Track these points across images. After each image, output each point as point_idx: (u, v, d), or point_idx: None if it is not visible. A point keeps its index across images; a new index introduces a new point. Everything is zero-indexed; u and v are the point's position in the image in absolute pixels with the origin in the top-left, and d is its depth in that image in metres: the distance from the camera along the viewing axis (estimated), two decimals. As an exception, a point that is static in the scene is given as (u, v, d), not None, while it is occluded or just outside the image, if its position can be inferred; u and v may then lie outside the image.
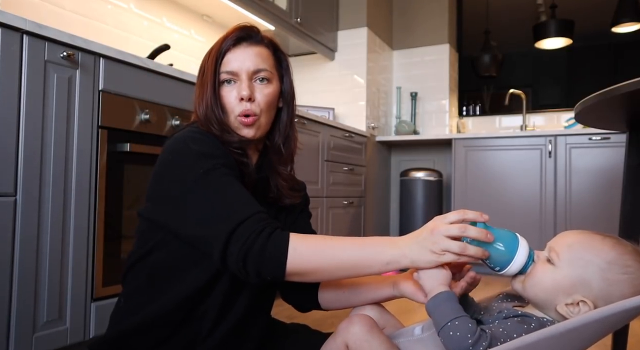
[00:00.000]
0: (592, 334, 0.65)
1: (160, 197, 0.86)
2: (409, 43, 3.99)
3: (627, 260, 0.72)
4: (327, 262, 0.75)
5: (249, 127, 0.92)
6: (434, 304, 0.73)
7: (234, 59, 0.91)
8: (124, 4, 2.32)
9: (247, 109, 0.90)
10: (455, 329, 0.69)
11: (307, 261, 0.74)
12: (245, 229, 0.74)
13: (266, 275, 0.74)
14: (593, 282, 0.71)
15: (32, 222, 1.26)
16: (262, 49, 0.94)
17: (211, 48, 0.94)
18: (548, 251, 0.78)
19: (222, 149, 0.87)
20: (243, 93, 0.90)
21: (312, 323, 1.16)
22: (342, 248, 0.75)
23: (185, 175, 0.80)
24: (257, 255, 0.73)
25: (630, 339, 1.55)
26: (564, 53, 5.85)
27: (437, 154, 3.83)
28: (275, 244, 0.73)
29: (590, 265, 0.72)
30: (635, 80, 1.04)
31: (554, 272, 0.74)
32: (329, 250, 0.75)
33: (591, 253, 0.73)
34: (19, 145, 1.24)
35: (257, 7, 2.66)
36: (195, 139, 0.85)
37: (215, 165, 0.81)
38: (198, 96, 0.93)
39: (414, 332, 0.82)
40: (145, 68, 1.58)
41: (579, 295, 0.72)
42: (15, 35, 1.23)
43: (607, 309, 0.62)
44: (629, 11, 3.61)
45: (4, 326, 1.20)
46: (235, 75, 0.91)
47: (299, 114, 2.53)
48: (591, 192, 2.99)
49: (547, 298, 0.74)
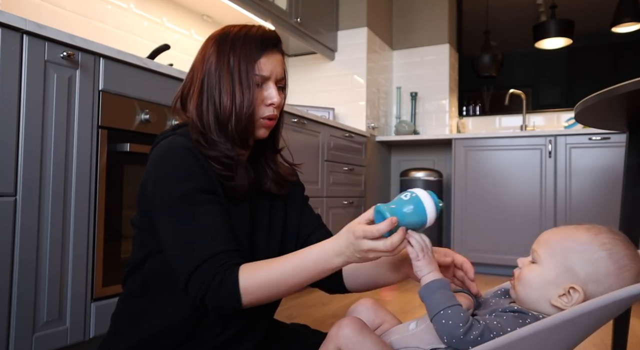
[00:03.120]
0: (589, 324, 0.65)
1: (143, 211, 0.90)
2: (409, 43, 3.99)
3: (602, 238, 0.74)
4: (278, 290, 0.80)
5: (267, 129, 0.95)
6: (427, 291, 0.74)
7: (269, 63, 0.92)
8: (124, 4, 2.32)
9: (275, 114, 0.94)
10: (447, 317, 0.70)
11: (260, 296, 0.79)
12: (200, 274, 0.78)
13: (225, 313, 0.81)
14: (576, 267, 0.74)
15: (32, 222, 1.26)
16: (282, 57, 0.97)
17: (232, 46, 0.91)
18: (530, 253, 0.80)
19: (202, 167, 0.86)
20: (275, 100, 0.92)
21: (312, 323, 1.16)
22: (290, 271, 0.79)
23: (162, 195, 0.84)
24: (212, 299, 0.78)
25: (631, 339, 1.56)
26: (564, 53, 5.85)
27: (437, 154, 3.83)
28: (226, 290, 0.78)
29: (569, 252, 0.75)
30: (635, 80, 1.04)
31: (539, 269, 0.77)
32: (279, 279, 0.79)
33: (567, 241, 0.76)
34: (19, 145, 1.24)
35: (257, 7, 2.66)
36: (177, 155, 0.85)
37: (190, 190, 0.82)
38: (212, 98, 0.90)
39: (408, 328, 0.82)
40: (145, 68, 1.58)
41: (567, 283, 0.73)
42: (15, 35, 1.23)
43: (596, 301, 0.62)
44: (629, 11, 3.61)
45: (4, 326, 1.20)
46: (266, 80, 0.92)
47: (299, 114, 2.53)
48: (591, 192, 2.99)
49: (539, 294, 0.76)
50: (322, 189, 2.78)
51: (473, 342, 0.69)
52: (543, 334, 0.61)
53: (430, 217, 0.76)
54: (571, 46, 3.97)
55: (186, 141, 0.88)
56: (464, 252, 3.27)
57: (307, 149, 2.64)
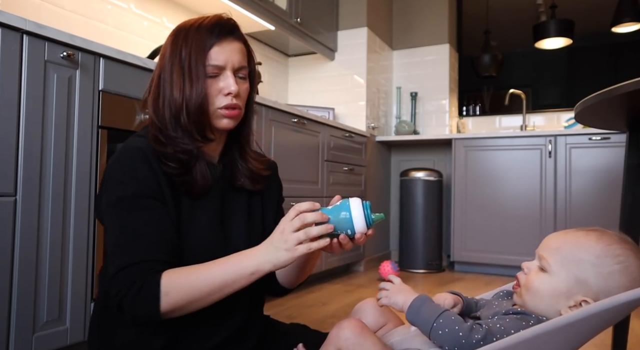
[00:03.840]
0: (590, 329, 0.65)
1: (99, 210, 0.91)
2: (409, 43, 3.99)
3: (615, 250, 0.72)
4: (196, 296, 0.80)
5: (230, 119, 0.92)
6: (412, 314, 0.74)
7: (222, 51, 0.90)
8: (124, 4, 2.32)
9: (234, 103, 0.91)
10: (442, 327, 0.70)
11: (179, 302, 0.79)
12: (122, 276, 0.79)
13: (142, 317, 0.80)
14: (589, 280, 0.72)
15: (32, 222, 1.26)
16: (241, 45, 0.94)
17: (185, 38, 0.90)
18: (538, 259, 0.78)
19: (150, 169, 0.85)
20: (232, 89, 0.89)
21: (312, 323, 1.16)
22: (208, 277, 0.80)
23: (106, 196, 0.85)
24: (129, 306, 0.79)
25: (631, 339, 1.56)
26: (564, 53, 5.84)
27: (437, 154, 3.83)
28: (146, 292, 0.78)
29: (582, 264, 0.73)
30: (635, 80, 1.04)
31: (549, 279, 0.75)
32: (197, 284, 0.79)
33: (579, 251, 0.74)
34: (19, 145, 1.24)
35: (257, 7, 2.66)
36: (124, 159, 0.86)
37: (130, 194, 0.83)
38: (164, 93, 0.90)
39: (410, 329, 0.82)
40: (145, 68, 1.58)
41: (579, 295, 0.72)
42: (15, 35, 1.23)
43: (599, 304, 0.62)
44: (629, 11, 3.61)
45: (4, 326, 1.20)
46: (221, 69, 0.90)
47: (299, 114, 2.53)
48: (591, 192, 2.99)
49: (549, 305, 0.75)
50: (322, 189, 2.78)
51: (476, 345, 0.68)
52: (544, 337, 0.61)
53: (357, 224, 0.78)
54: (571, 46, 3.97)
55: (141, 142, 0.88)
56: (464, 252, 3.28)
57: (307, 149, 2.64)
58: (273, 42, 3.37)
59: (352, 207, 0.78)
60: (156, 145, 0.88)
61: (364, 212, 0.78)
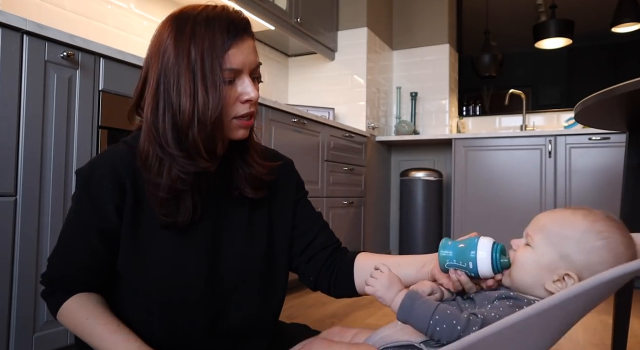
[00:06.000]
0: (577, 308, 0.65)
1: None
2: (409, 43, 3.99)
3: (600, 226, 0.73)
4: (79, 335, 0.83)
5: (246, 129, 0.81)
6: (405, 314, 0.72)
7: (240, 53, 0.76)
8: (124, 4, 2.32)
9: (252, 111, 0.80)
10: (440, 323, 0.69)
11: (69, 327, 0.85)
12: (45, 276, 0.86)
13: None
14: (572, 255, 0.73)
15: (32, 222, 1.26)
16: (253, 42, 0.80)
17: (192, 36, 0.76)
18: (525, 236, 0.80)
19: (104, 198, 0.77)
20: (252, 95, 0.78)
21: (312, 323, 1.16)
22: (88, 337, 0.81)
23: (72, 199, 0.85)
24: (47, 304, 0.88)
25: (631, 339, 1.56)
26: (564, 53, 5.84)
27: (437, 154, 3.83)
28: (49, 304, 0.88)
29: (566, 239, 0.74)
30: (635, 80, 1.04)
31: (533, 253, 0.76)
32: (79, 332, 0.83)
33: (564, 227, 0.75)
34: (19, 145, 1.24)
35: (257, 7, 2.66)
36: (92, 172, 0.79)
37: (77, 216, 0.81)
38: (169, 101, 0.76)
39: (397, 323, 0.82)
40: (145, 68, 1.58)
41: (562, 269, 0.73)
42: (15, 35, 1.23)
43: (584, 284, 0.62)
44: (629, 11, 3.61)
45: (4, 326, 1.20)
46: (238, 73, 0.77)
47: (299, 114, 2.53)
48: (591, 192, 2.99)
49: (533, 279, 0.76)
50: (322, 189, 2.78)
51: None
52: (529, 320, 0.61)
53: (481, 267, 0.74)
54: (571, 46, 3.97)
55: (120, 152, 0.80)
56: (464, 252, 3.27)
57: (307, 149, 2.64)
58: (273, 42, 3.37)
59: (480, 244, 0.75)
60: (145, 171, 0.77)
61: (492, 251, 0.74)
